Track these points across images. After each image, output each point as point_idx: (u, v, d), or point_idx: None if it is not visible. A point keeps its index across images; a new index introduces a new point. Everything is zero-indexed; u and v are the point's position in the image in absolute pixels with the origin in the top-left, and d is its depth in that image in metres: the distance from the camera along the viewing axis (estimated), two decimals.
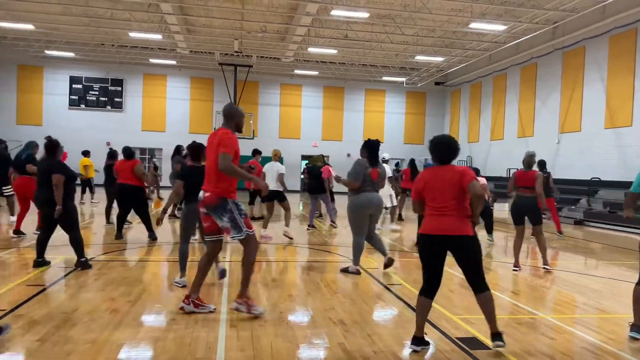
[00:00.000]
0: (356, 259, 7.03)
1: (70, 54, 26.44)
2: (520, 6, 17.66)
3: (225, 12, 20.11)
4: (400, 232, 11.98)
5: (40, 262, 6.62)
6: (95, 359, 3.72)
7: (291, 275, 7.05)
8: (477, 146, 27.28)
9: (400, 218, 13.90)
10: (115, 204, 10.26)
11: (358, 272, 6.98)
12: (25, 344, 3.93)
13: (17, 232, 9.10)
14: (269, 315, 4.91)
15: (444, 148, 4.16)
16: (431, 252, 4.07)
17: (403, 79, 29.32)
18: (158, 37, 23.02)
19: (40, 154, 7.95)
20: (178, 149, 13.08)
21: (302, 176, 12.53)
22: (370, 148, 6.97)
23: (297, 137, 30.28)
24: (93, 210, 15.12)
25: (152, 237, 9.24)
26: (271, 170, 10.03)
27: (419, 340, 4.08)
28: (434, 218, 4.06)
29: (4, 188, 10.38)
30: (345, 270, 7.07)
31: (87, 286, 5.83)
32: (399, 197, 13.67)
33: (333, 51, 24.76)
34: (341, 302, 5.52)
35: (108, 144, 26.25)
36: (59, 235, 7.01)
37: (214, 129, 26.68)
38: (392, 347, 4.17)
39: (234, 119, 4.83)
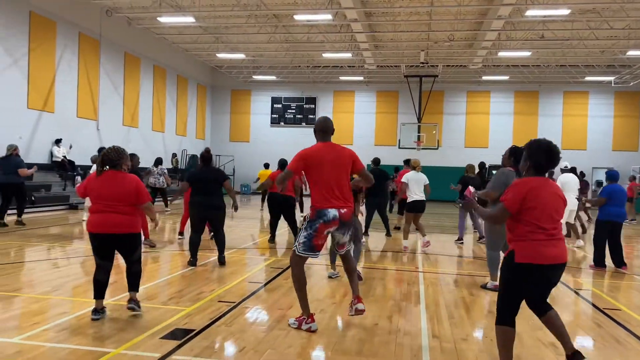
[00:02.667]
0: (494, 274, 6.46)
1: (272, 77, 29.50)
2: None
3: (412, 25, 20.36)
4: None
5: (193, 261, 7.43)
6: (312, 353, 4.10)
7: (483, 291, 6.77)
8: None
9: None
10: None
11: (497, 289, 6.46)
12: (253, 332, 4.52)
13: (182, 234, 10.35)
14: (468, 330, 4.83)
15: None
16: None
17: (611, 78, 26.01)
18: (348, 55, 24.34)
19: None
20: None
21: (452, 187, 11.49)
22: (518, 156, 6.16)
23: (484, 145, 28.99)
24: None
25: None
26: (417, 181, 9.75)
27: None
28: None
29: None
30: (484, 287, 6.60)
31: None
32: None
33: (526, 53, 23.20)
34: None
35: None
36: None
37: (399, 141, 27.15)
38: None
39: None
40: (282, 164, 10.32)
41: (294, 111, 30.85)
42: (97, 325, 4.54)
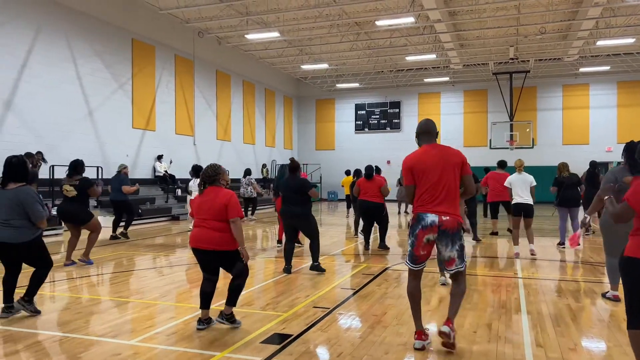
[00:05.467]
0: (613, 282, 5.95)
1: (355, 85, 29.68)
2: None
3: (499, 20, 19.60)
4: None
5: (288, 268, 7.62)
6: None
7: (589, 298, 6.31)
8: None
9: None
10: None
11: (617, 299, 5.89)
12: (349, 338, 4.55)
13: (280, 242, 10.61)
14: (577, 339, 4.53)
15: None
16: None
17: None
18: (432, 56, 23.90)
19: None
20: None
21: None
22: (629, 152, 5.42)
23: (584, 142, 27.08)
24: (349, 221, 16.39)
25: (383, 246, 9.86)
26: (522, 182, 9.10)
27: None
28: None
29: None
30: (604, 296, 6.08)
31: (389, 293, 6.40)
32: None
33: (629, 40, 21.43)
34: None
35: (388, 162, 28.35)
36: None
37: (490, 141, 26.11)
38: None
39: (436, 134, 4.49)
40: (369, 170, 10.21)
41: (378, 117, 30.79)
42: (202, 330, 4.81)
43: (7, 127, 13.76)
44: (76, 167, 8.37)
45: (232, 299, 4.75)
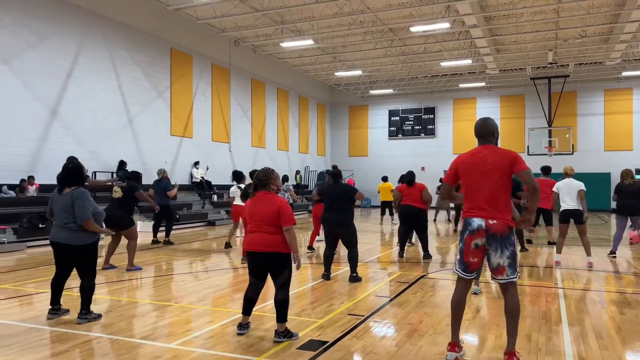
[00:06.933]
0: None
1: (389, 91, 29.58)
2: None
3: (538, 24, 19.22)
4: None
5: (327, 275, 7.66)
6: None
7: (636, 309, 6.09)
8: None
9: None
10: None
11: None
12: (384, 347, 4.54)
13: (311, 248, 10.99)
14: (621, 352, 4.38)
15: None
16: None
17: None
18: (468, 62, 23.60)
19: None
20: None
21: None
22: None
23: (628, 148, 26.18)
24: (393, 229, 16.16)
25: (427, 256, 9.67)
26: (568, 187, 8.87)
27: None
28: None
29: None
30: None
31: (425, 301, 6.34)
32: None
33: None
34: None
35: (423, 168, 28.09)
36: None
37: (527, 147, 25.49)
38: None
39: (496, 134, 4.26)
40: (409, 179, 10.10)
41: (412, 123, 30.60)
42: (242, 334, 4.88)
43: (53, 134, 14.33)
44: (134, 177, 8.88)
45: (281, 316, 4.68)
